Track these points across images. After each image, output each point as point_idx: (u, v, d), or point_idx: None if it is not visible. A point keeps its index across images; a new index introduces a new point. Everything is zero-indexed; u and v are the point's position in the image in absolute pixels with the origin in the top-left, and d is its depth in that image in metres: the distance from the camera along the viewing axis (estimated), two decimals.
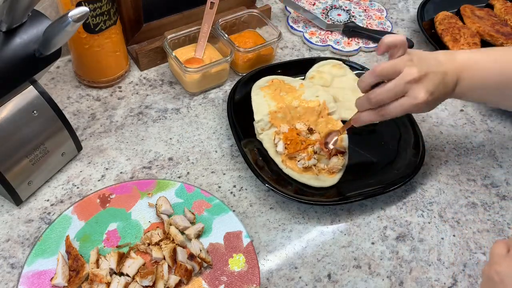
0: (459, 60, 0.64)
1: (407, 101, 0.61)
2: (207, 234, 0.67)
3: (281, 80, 0.87)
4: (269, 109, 0.81)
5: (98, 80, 0.86)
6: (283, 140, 0.76)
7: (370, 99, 0.63)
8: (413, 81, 0.60)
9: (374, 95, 0.62)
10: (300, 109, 0.81)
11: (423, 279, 0.66)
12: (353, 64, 0.92)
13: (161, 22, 0.92)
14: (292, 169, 0.75)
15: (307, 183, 0.73)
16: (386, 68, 0.61)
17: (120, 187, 0.71)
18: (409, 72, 0.60)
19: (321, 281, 0.65)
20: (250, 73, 0.88)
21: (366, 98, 0.63)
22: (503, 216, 0.74)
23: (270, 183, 0.71)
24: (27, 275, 0.61)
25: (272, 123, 0.80)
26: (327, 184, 0.74)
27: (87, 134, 0.80)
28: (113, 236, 0.66)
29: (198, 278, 0.63)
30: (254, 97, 0.84)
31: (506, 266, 0.48)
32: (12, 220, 0.68)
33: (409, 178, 0.74)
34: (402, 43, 0.62)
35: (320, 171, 0.75)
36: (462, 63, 0.64)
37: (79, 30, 0.77)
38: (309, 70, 0.90)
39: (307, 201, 0.70)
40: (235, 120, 0.79)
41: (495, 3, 1.08)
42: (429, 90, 0.61)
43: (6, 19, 0.57)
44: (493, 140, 0.85)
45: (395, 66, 0.61)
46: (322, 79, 0.88)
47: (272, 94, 0.83)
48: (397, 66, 0.61)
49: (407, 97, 0.61)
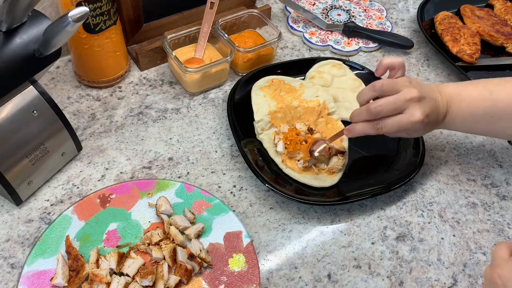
0: (448, 92, 0.68)
1: (404, 118, 0.64)
2: (207, 234, 0.67)
3: (281, 80, 0.87)
4: (269, 109, 0.81)
5: (98, 80, 0.86)
6: (283, 140, 0.76)
7: (370, 109, 0.65)
8: (413, 100, 0.63)
9: (375, 105, 0.64)
10: (300, 109, 0.81)
11: (423, 279, 0.66)
12: (353, 64, 0.92)
13: (161, 22, 0.92)
14: (292, 169, 0.75)
15: (307, 183, 0.73)
16: (386, 85, 0.65)
17: (120, 187, 0.71)
18: (410, 91, 0.63)
19: (321, 281, 0.65)
20: (250, 73, 0.88)
21: (366, 108, 0.66)
22: (503, 216, 0.74)
23: (270, 183, 0.71)
24: (27, 275, 0.61)
25: (272, 123, 0.80)
26: (327, 184, 0.74)
27: (87, 134, 0.80)
28: (113, 236, 0.66)
29: (198, 278, 0.63)
30: (254, 97, 0.84)
31: (508, 270, 0.49)
32: (12, 220, 0.68)
33: (409, 178, 0.74)
34: (400, 65, 0.67)
35: (320, 171, 0.75)
36: (450, 94, 0.67)
37: (79, 30, 0.77)
38: (309, 70, 0.90)
39: (307, 201, 0.70)
40: (235, 120, 0.79)
41: (495, 3, 1.08)
42: (425, 112, 0.64)
43: (6, 19, 0.57)
44: (493, 140, 0.85)
45: (395, 84, 0.64)
46: (322, 79, 0.88)
47: (272, 94, 0.83)
48: (397, 84, 0.64)
49: (404, 114, 0.64)
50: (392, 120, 0.64)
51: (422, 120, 0.63)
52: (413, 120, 0.63)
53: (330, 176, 0.75)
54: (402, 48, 1.01)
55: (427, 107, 0.64)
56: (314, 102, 0.82)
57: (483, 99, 0.66)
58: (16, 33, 0.59)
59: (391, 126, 0.65)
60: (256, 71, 0.88)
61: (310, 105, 0.82)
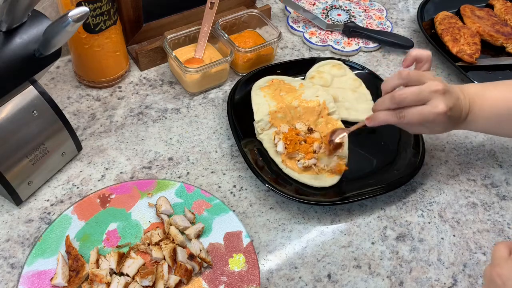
0: (470, 91, 0.68)
1: (427, 109, 0.63)
2: (207, 234, 0.67)
3: (281, 80, 0.87)
4: (269, 109, 0.81)
5: (98, 80, 0.86)
6: (283, 140, 0.76)
7: (394, 97, 0.64)
8: (438, 92, 0.63)
9: (399, 93, 0.64)
10: (300, 109, 0.81)
11: (423, 279, 0.66)
12: (353, 64, 0.92)
13: (161, 22, 0.92)
14: (292, 169, 0.75)
15: (307, 183, 0.73)
16: (413, 74, 0.64)
17: (120, 187, 0.71)
18: (435, 83, 0.63)
19: (321, 281, 0.65)
20: (250, 73, 0.88)
21: (390, 96, 0.65)
22: (503, 216, 0.74)
23: (270, 183, 0.71)
24: (27, 275, 0.61)
25: (272, 123, 0.80)
26: (327, 184, 0.74)
27: (87, 134, 0.80)
28: (113, 236, 0.66)
29: (198, 278, 0.63)
30: (254, 97, 0.84)
31: (508, 269, 0.49)
32: (12, 220, 0.68)
33: (409, 178, 0.74)
34: (428, 58, 0.67)
35: (320, 170, 0.75)
36: (473, 94, 0.68)
37: (79, 30, 0.77)
38: (309, 70, 0.90)
39: (307, 201, 0.70)
40: (235, 120, 0.79)
41: (495, 3, 1.08)
42: (449, 105, 0.63)
43: (6, 19, 0.57)
44: (493, 140, 0.85)
45: (421, 75, 0.64)
46: (322, 79, 0.88)
47: (272, 94, 0.83)
48: (423, 76, 0.64)
49: (428, 105, 0.63)
50: (415, 109, 0.63)
51: (445, 112, 0.62)
52: (436, 112, 0.62)
53: (330, 176, 0.75)
54: (402, 48, 1.00)
55: (450, 101, 0.63)
56: (314, 102, 0.82)
57: (506, 99, 0.66)
58: (16, 33, 0.59)
59: (414, 115, 0.63)
60: (256, 71, 0.88)
61: (310, 105, 0.82)
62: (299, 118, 0.81)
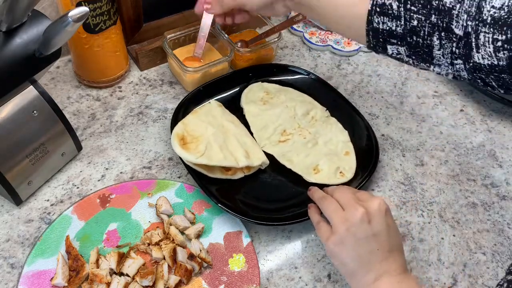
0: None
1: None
2: (207, 234, 0.67)
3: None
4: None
5: (98, 80, 0.86)
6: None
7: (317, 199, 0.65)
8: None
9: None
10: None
11: (423, 279, 0.66)
12: (298, 69, 0.89)
13: (161, 22, 0.92)
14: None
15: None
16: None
17: (120, 187, 0.71)
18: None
19: (321, 281, 0.65)
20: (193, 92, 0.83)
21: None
22: (503, 216, 0.74)
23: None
24: (27, 275, 0.61)
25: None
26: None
27: (87, 134, 0.80)
28: (113, 236, 0.66)
29: (198, 278, 0.63)
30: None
31: (324, 230, 0.59)
32: (12, 220, 0.68)
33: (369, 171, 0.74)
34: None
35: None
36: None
37: (79, 30, 0.77)
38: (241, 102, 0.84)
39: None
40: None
41: None
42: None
43: (6, 19, 0.57)
44: (493, 140, 0.85)
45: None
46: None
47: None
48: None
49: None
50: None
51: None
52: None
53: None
54: None
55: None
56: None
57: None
58: (16, 33, 0.59)
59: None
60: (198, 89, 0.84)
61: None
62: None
